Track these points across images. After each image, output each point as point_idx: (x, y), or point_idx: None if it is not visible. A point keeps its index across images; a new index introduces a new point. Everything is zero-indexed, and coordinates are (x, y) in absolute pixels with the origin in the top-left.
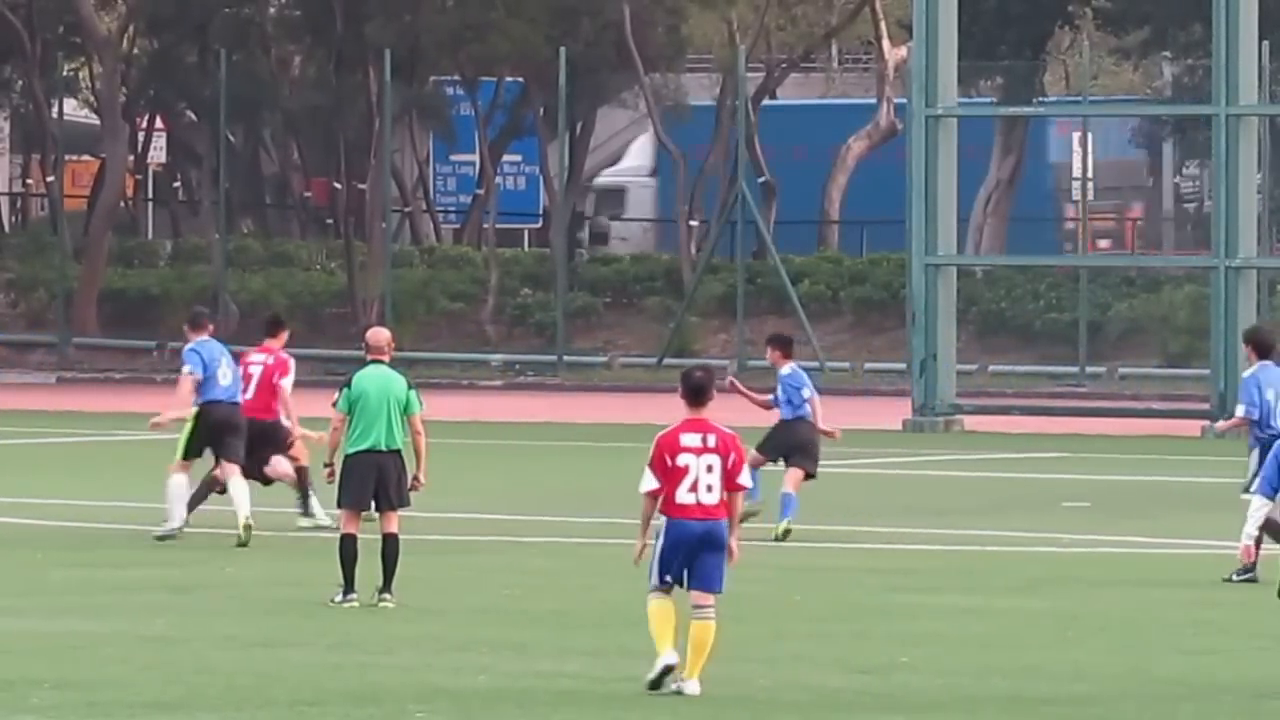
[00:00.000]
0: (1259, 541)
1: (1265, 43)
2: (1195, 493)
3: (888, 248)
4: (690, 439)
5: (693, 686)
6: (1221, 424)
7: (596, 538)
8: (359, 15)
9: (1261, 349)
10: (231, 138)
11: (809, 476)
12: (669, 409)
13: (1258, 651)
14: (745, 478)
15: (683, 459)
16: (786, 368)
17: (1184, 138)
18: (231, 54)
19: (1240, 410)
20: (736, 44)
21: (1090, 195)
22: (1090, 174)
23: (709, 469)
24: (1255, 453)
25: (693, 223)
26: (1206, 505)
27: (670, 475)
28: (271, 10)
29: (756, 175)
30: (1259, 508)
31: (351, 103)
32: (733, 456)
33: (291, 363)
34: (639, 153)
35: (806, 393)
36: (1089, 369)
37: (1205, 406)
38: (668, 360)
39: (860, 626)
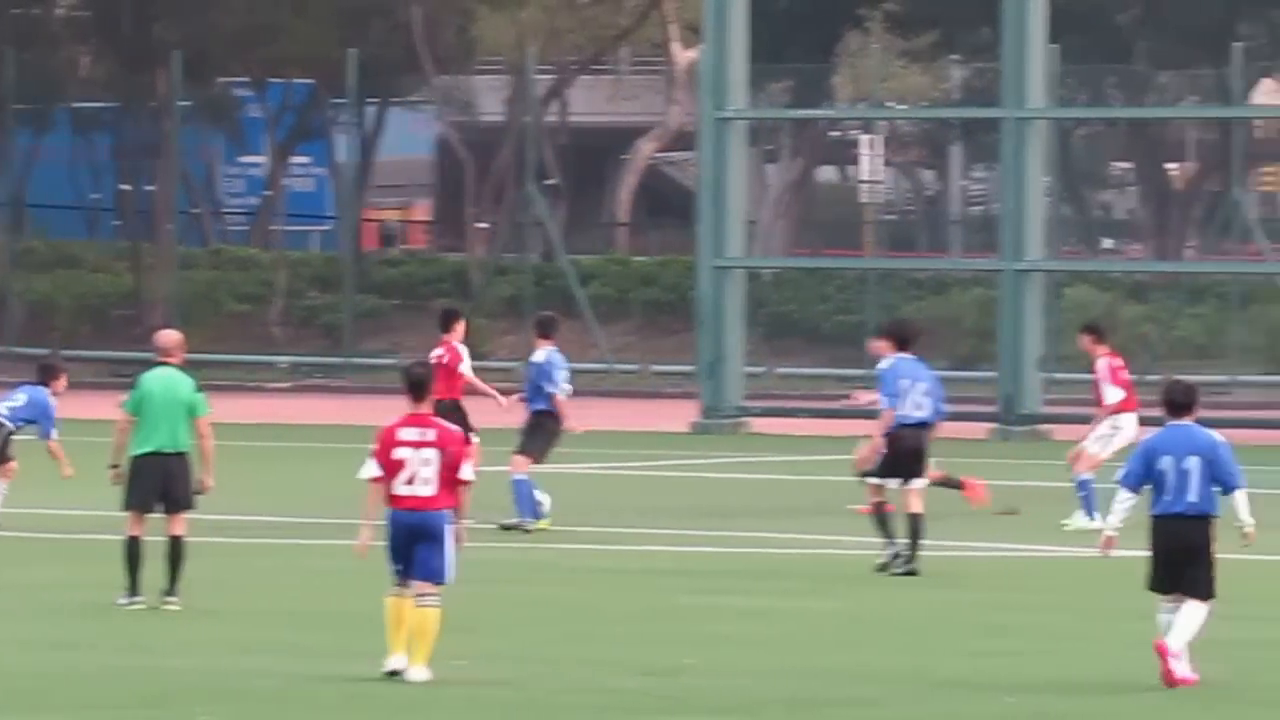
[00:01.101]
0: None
1: (1054, 46)
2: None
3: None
4: (408, 433)
5: (417, 673)
6: (876, 424)
7: (382, 540)
8: (148, 16)
9: (901, 341)
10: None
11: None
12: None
13: (1041, 654)
14: (467, 471)
15: (400, 452)
16: (541, 353)
17: (972, 141)
18: (20, 53)
19: (884, 403)
20: (526, 46)
21: (878, 198)
22: (878, 178)
23: (425, 462)
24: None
25: (481, 225)
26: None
27: (388, 468)
28: (60, 10)
29: (545, 177)
30: (1123, 500)
31: (140, 103)
32: (451, 451)
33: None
34: None
35: (554, 380)
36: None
37: (992, 408)
38: None
39: (646, 628)
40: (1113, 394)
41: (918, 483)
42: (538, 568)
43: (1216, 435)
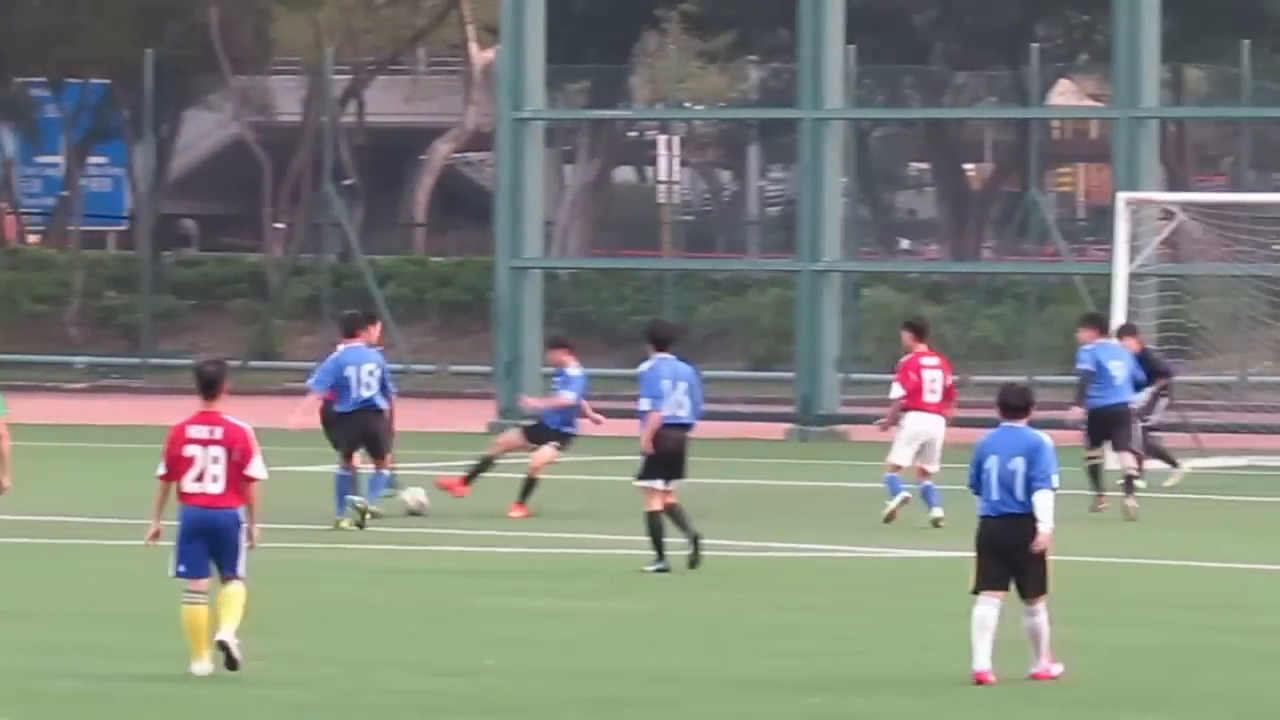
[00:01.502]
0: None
1: (851, 47)
2: (780, 495)
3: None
4: (198, 430)
5: (227, 631)
6: (644, 428)
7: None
8: None
9: (660, 341)
10: None
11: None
12: (253, 411)
13: (840, 654)
14: (255, 469)
15: (189, 450)
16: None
17: (769, 141)
18: None
19: (645, 404)
20: (323, 47)
21: (675, 199)
22: (676, 179)
23: (215, 460)
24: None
25: (279, 225)
26: (791, 508)
27: (178, 465)
28: None
29: (343, 177)
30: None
31: None
32: (239, 448)
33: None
34: None
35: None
36: None
37: (790, 409)
38: (254, 363)
39: (445, 629)
40: (894, 390)
41: (679, 482)
42: (336, 568)
43: (1045, 437)
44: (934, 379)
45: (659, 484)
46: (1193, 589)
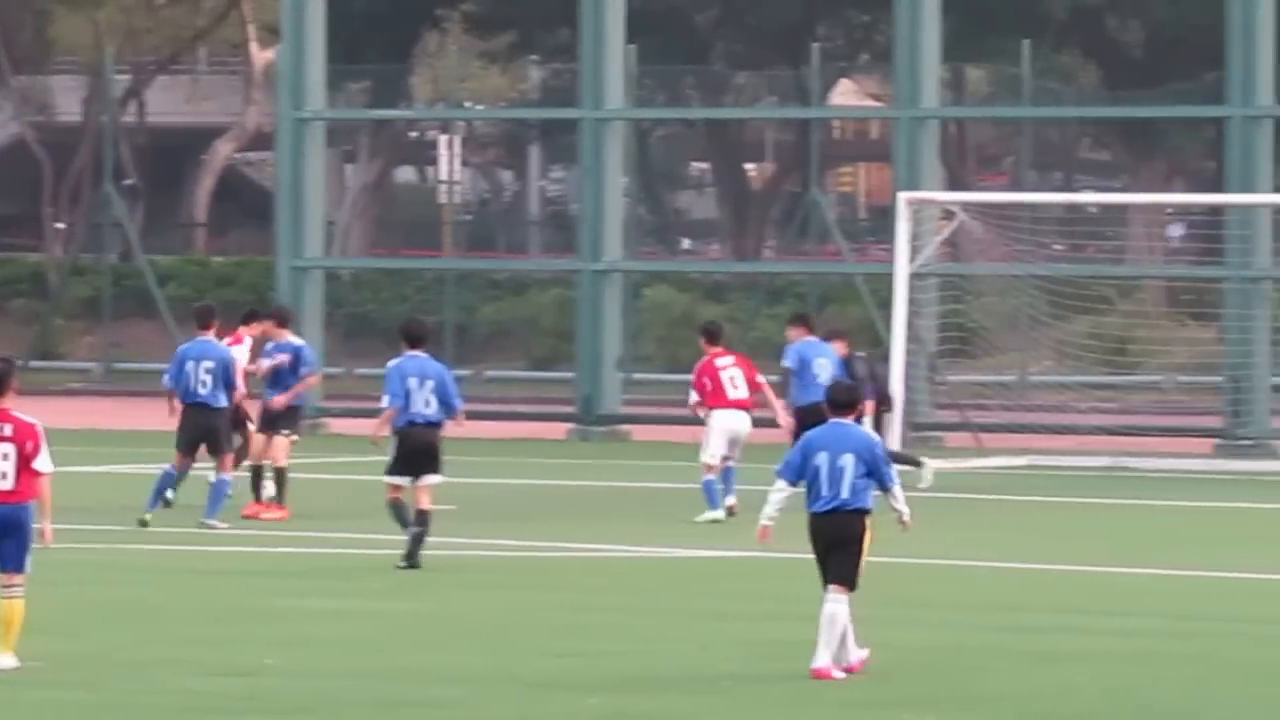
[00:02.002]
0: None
1: (632, 46)
2: (562, 495)
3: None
4: None
5: (6, 661)
6: (374, 423)
7: None
8: None
9: (410, 340)
10: None
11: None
12: (34, 411)
13: (623, 654)
14: (42, 463)
15: None
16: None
17: (551, 141)
18: None
19: (385, 400)
20: (103, 46)
21: (456, 198)
22: (457, 179)
23: (5, 456)
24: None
25: (59, 225)
26: (573, 508)
27: None
28: None
29: (123, 177)
30: (779, 490)
31: None
32: (30, 444)
33: None
34: None
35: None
36: (456, 372)
37: (571, 409)
38: (35, 363)
39: (226, 630)
40: (691, 396)
41: (430, 479)
42: (119, 569)
43: (873, 434)
44: (733, 376)
45: (405, 481)
46: (974, 589)
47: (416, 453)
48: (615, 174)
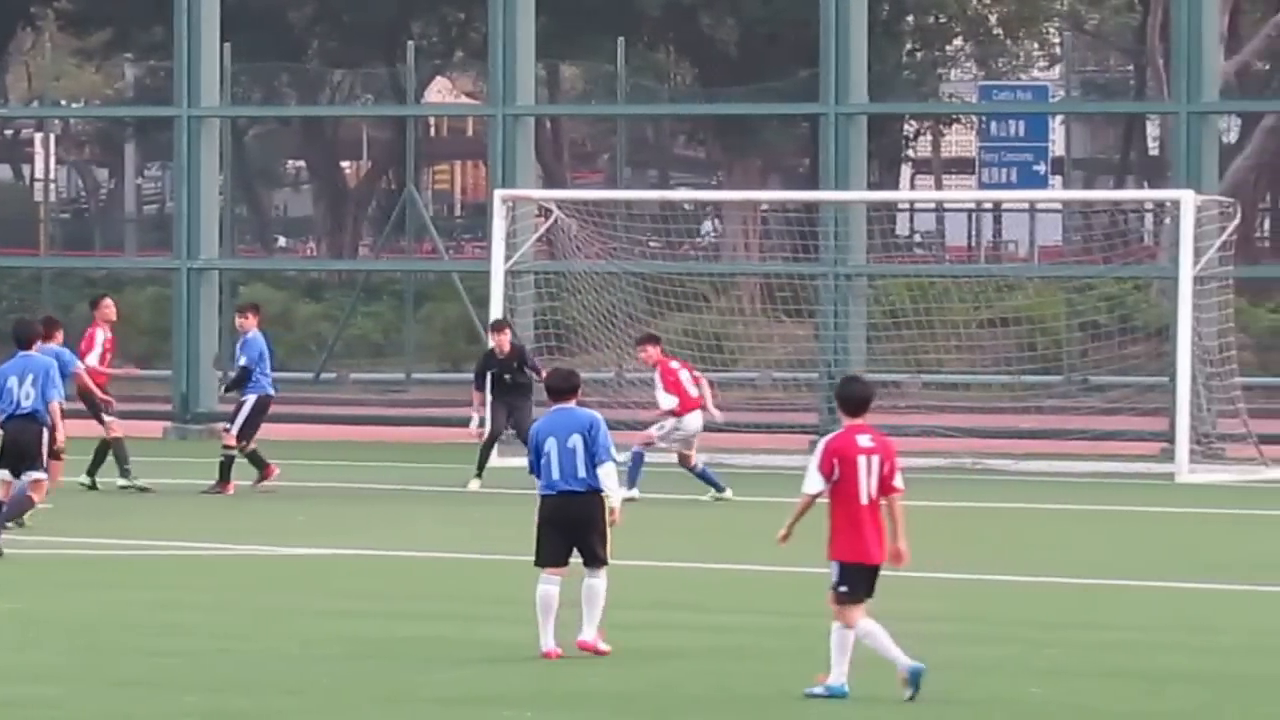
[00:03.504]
0: None
1: (227, 44)
2: (159, 494)
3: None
4: None
5: None
6: None
7: None
8: None
9: (19, 340)
10: None
11: None
12: None
13: (216, 654)
14: None
15: None
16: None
17: (146, 139)
18: None
19: None
20: None
21: (52, 197)
22: (52, 177)
23: None
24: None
25: None
26: (169, 506)
27: None
28: None
29: None
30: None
31: None
32: None
33: None
34: None
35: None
36: None
37: (168, 407)
38: None
39: None
40: (666, 400)
41: (32, 474)
42: None
43: (597, 414)
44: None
45: (4, 474)
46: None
47: (13, 446)
48: (211, 172)
